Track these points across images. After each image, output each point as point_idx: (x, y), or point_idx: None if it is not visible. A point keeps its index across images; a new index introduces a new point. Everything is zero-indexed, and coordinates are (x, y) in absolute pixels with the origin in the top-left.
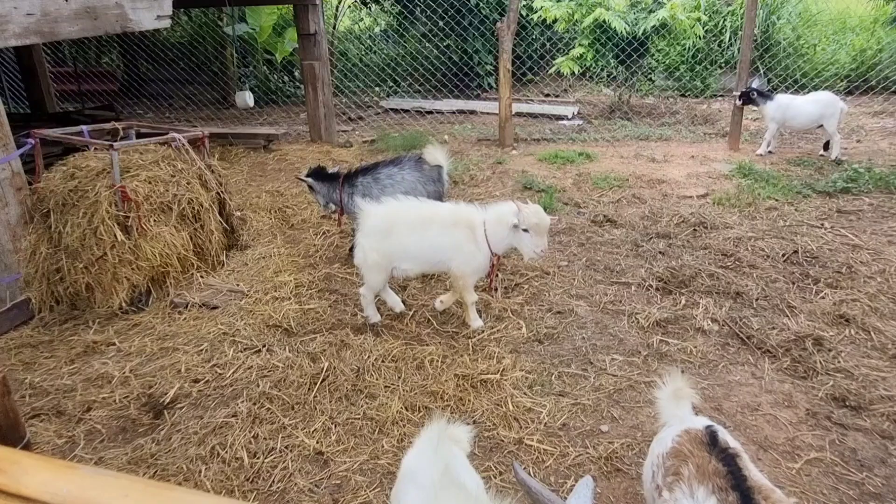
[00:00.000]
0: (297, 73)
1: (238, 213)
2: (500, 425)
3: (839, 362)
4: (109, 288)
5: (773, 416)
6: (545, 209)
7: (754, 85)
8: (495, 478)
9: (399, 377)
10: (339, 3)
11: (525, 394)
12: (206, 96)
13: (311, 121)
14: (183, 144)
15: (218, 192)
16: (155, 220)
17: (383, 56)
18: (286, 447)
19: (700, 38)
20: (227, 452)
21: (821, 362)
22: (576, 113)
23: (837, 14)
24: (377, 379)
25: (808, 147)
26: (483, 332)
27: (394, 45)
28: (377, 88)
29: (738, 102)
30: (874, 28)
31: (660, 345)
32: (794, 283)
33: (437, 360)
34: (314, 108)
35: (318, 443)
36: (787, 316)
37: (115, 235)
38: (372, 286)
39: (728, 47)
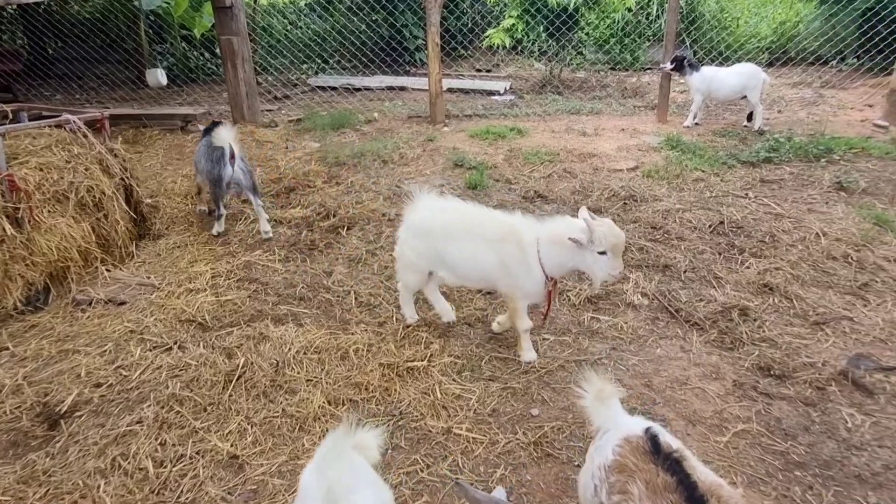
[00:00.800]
0: (217, 50)
1: (149, 200)
2: (428, 415)
3: (764, 331)
4: (1, 287)
5: (701, 390)
6: (475, 187)
7: (678, 53)
8: (422, 471)
9: (322, 369)
10: None
11: (454, 380)
12: (120, 76)
13: (232, 100)
14: (79, 127)
15: (123, 178)
16: (49, 211)
17: (309, 31)
18: (197, 453)
19: (629, 12)
20: (130, 463)
21: (746, 332)
22: (508, 88)
23: None
24: (298, 373)
25: (733, 118)
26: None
27: (320, 19)
28: (304, 65)
29: (669, 66)
30: (793, 1)
31: (591, 322)
32: (720, 254)
33: (363, 350)
34: (235, 86)
35: (232, 446)
36: (714, 287)
37: (4, 229)
38: (406, 284)
39: (655, 20)
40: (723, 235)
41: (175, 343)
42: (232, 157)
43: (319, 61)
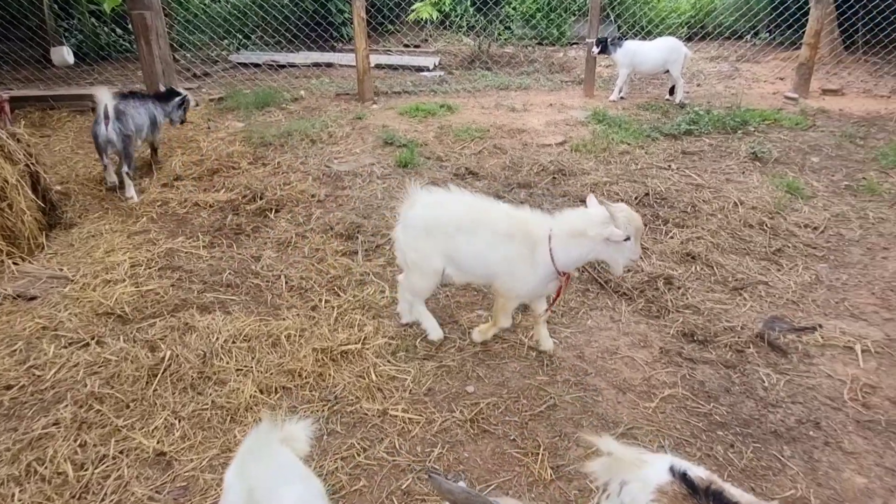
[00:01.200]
0: (130, 26)
1: (58, 187)
2: (364, 398)
3: (687, 299)
4: None
5: (630, 358)
6: (405, 165)
7: (607, 33)
8: (359, 455)
9: (252, 358)
10: None
11: (389, 361)
12: (22, 55)
13: (147, 79)
14: None
15: (28, 165)
16: None
17: (228, 5)
18: (121, 452)
19: None
20: (47, 468)
21: (671, 301)
22: (437, 64)
23: None
24: (227, 362)
25: (656, 92)
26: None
27: None
28: (224, 41)
29: (595, 51)
30: None
31: None
32: (646, 225)
33: (295, 335)
34: (149, 64)
35: (158, 443)
36: (641, 257)
37: None
38: (417, 292)
39: None
40: (648, 207)
41: (93, 338)
42: (107, 117)
43: (241, 37)
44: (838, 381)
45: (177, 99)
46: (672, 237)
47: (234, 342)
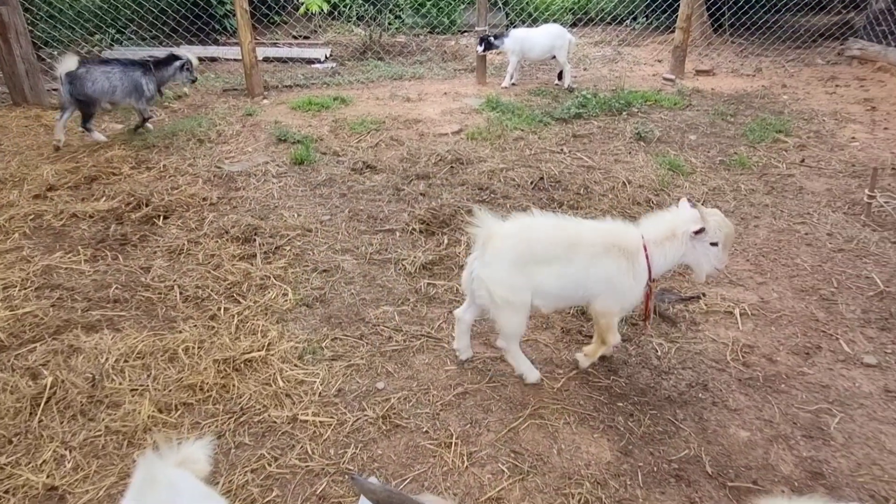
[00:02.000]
0: None
1: None
2: (271, 406)
3: None
4: None
5: (534, 340)
6: (301, 162)
7: (496, 20)
8: (270, 465)
9: (148, 376)
10: None
11: (295, 366)
12: None
13: (8, 80)
14: None
15: None
16: None
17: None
18: (6, 492)
19: None
20: None
21: None
22: (328, 56)
23: None
24: (120, 383)
25: (545, 77)
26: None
27: None
28: (95, 37)
29: (480, 50)
30: None
31: (427, 288)
32: (542, 209)
33: (194, 347)
34: (10, 64)
35: (48, 477)
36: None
37: None
38: (510, 332)
39: None
40: (544, 191)
41: None
42: (62, 82)
43: (113, 31)
44: (721, 344)
45: (176, 63)
46: None
47: (126, 361)
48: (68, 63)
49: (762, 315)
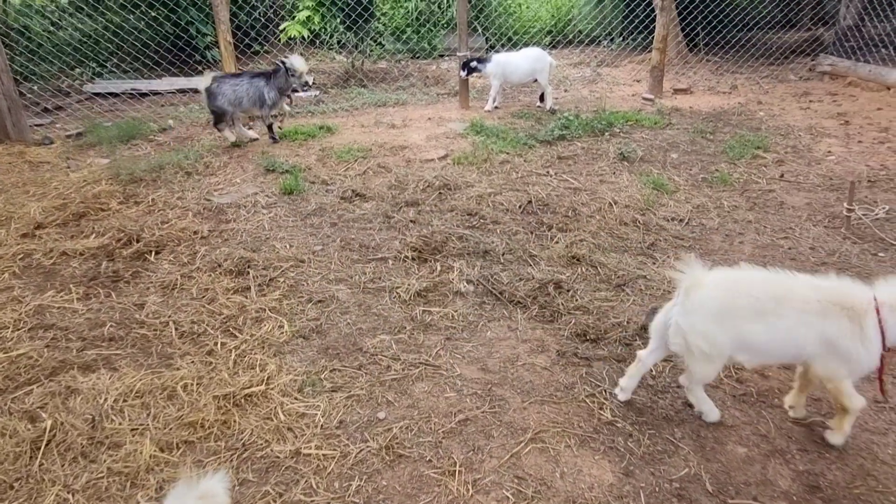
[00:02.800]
0: None
1: None
2: (273, 440)
3: (577, 300)
4: None
5: (531, 364)
6: (290, 192)
7: (476, 45)
8: (275, 501)
9: (148, 414)
10: None
11: (296, 399)
12: None
13: None
14: None
15: None
16: None
17: (77, 33)
18: None
19: (421, 1)
20: None
21: (562, 304)
22: (311, 83)
23: None
24: (120, 423)
25: (527, 100)
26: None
27: (89, 18)
28: (76, 70)
29: (464, 74)
30: None
31: (423, 315)
32: (532, 233)
33: (192, 384)
34: None
35: None
36: (531, 265)
37: None
38: (699, 379)
39: (447, 8)
40: (532, 214)
41: None
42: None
43: (94, 65)
44: None
45: (280, 69)
46: (557, 242)
47: (125, 400)
48: (204, 80)
49: None
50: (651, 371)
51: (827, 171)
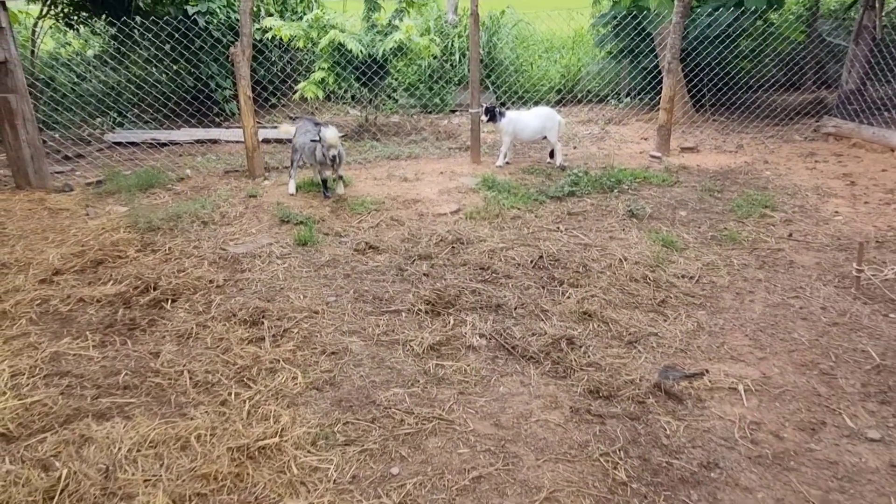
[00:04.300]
0: None
1: None
2: (287, 495)
3: (589, 357)
4: None
5: (544, 421)
6: (305, 243)
7: (487, 102)
8: None
9: (161, 465)
10: (36, 24)
11: (309, 452)
12: None
13: (13, 164)
14: None
15: None
16: None
17: (101, 84)
18: None
19: (435, 59)
20: None
21: (575, 360)
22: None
23: (545, 36)
24: (133, 474)
25: (537, 156)
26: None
27: (113, 71)
28: (97, 120)
29: (485, 118)
30: (574, 47)
31: (436, 369)
32: (544, 287)
33: (206, 435)
34: (16, 149)
35: None
36: (543, 320)
37: None
38: None
39: (459, 66)
40: (543, 269)
41: None
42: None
43: (115, 115)
44: (728, 421)
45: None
46: (569, 297)
47: (138, 450)
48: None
49: (766, 391)
50: (665, 430)
51: (835, 231)
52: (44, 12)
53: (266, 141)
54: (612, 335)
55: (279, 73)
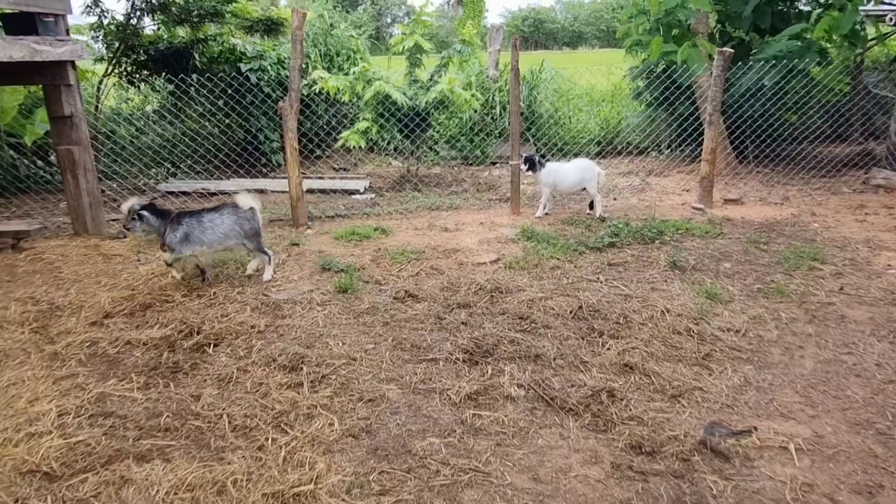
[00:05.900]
0: (52, 158)
1: None
2: None
3: (630, 410)
4: None
5: (584, 476)
6: (345, 291)
7: (527, 154)
8: None
9: None
10: (101, 81)
11: (343, 500)
12: None
13: (73, 212)
14: None
15: None
16: None
17: (157, 136)
18: None
19: (476, 112)
20: None
21: (616, 413)
22: (367, 186)
23: (585, 90)
24: None
25: (577, 207)
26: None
27: (169, 125)
28: (153, 171)
29: (524, 168)
30: (613, 101)
31: (473, 419)
32: (583, 338)
33: (242, 480)
34: (76, 198)
35: None
36: (582, 371)
37: None
38: None
39: (500, 119)
40: (583, 320)
41: (16, 501)
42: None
43: (169, 166)
44: (779, 482)
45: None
46: (609, 349)
47: (176, 493)
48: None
49: (818, 450)
50: (711, 490)
51: (888, 285)
52: (109, 71)
53: (310, 191)
54: (654, 388)
55: (324, 126)
